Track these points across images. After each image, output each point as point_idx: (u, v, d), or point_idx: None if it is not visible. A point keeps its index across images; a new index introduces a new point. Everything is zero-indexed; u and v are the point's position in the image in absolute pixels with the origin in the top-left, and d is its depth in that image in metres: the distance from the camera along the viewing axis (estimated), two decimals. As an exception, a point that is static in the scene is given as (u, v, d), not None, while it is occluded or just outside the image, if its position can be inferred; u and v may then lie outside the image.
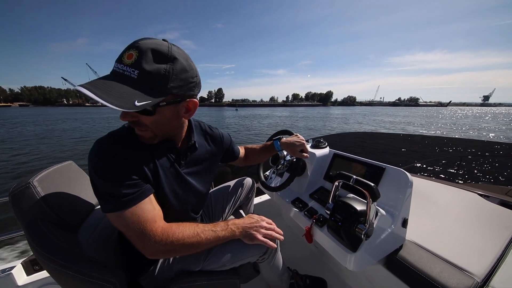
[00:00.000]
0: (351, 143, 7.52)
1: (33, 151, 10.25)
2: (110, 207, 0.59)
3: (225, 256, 0.80)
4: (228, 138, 1.04)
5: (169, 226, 0.66)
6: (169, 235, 0.63)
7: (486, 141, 9.75)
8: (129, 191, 0.59)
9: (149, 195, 0.64)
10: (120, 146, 0.62)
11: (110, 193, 0.58)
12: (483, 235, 0.89)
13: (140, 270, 0.77)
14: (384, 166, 0.92)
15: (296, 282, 1.16)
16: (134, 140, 0.66)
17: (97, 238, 0.79)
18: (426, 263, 0.77)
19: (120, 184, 0.59)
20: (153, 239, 0.61)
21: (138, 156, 0.65)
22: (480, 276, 0.70)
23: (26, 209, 0.65)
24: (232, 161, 1.13)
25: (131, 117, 0.59)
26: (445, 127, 23.67)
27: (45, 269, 0.62)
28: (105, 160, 0.59)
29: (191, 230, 0.68)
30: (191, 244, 0.66)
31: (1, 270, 1.02)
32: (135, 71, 0.52)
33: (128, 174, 0.61)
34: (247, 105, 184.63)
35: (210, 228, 0.72)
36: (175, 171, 0.75)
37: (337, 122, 29.25)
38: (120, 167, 0.60)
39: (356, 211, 0.73)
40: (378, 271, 0.92)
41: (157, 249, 0.62)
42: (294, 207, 1.10)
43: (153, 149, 0.69)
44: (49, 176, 0.73)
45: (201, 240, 0.68)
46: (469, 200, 1.14)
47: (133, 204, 0.60)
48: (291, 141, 1.07)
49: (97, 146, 0.61)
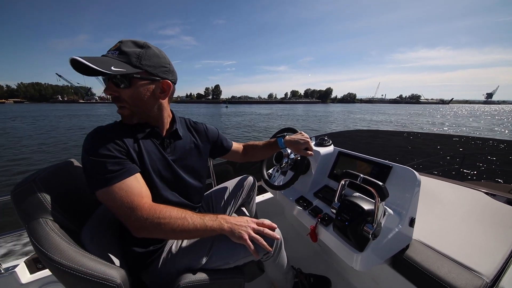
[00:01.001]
0: (355, 140, 7.49)
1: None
2: (97, 184, 0.64)
3: (229, 252, 0.80)
4: (215, 131, 1.08)
5: (157, 205, 0.69)
6: (156, 212, 0.66)
7: (489, 138, 9.68)
8: (115, 168, 0.65)
9: (134, 173, 0.69)
10: (108, 130, 0.71)
11: (97, 170, 0.63)
12: (491, 234, 0.87)
13: (145, 268, 0.77)
14: (391, 164, 0.90)
15: (300, 281, 1.16)
16: (121, 128, 0.74)
17: (99, 237, 0.79)
18: (433, 263, 0.76)
19: (107, 161, 0.64)
20: (140, 213, 0.64)
21: (124, 137, 0.71)
22: (489, 276, 0.69)
23: (28, 208, 0.64)
24: (223, 154, 1.15)
25: (113, 91, 0.70)
26: (447, 125, 23.50)
27: (48, 268, 0.61)
28: (94, 140, 0.66)
29: (179, 213, 0.70)
30: (177, 226, 0.67)
31: (5, 268, 1.02)
32: (116, 52, 0.68)
33: (114, 152, 0.66)
34: (242, 102, 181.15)
35: (199, 216, 0.73)
36: (160, 155, 0.80)
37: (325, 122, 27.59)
38: (107, 145, 0.66)
39: (363, 210, 0.72)
40: (384, 270, 0.91)
41: (143, 224, 0.64)
42: (298, 206, 1.09)
43: (138, 133, 0.76)
44: (51, 175, 0.72)
45: (188, 224, 0.69)
46: (475, 198, 1.13)
47: (120, 180, 0.64)
48: (295, 139, 1.07)
49: (89, 133, 0.69)
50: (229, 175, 2.20)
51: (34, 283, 1.05)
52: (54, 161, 8.26)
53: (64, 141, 13.03)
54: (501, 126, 21.91)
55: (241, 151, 1.21)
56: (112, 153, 0.66)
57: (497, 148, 6.77)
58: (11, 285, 1.02)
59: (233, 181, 1.29)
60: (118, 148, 0.68)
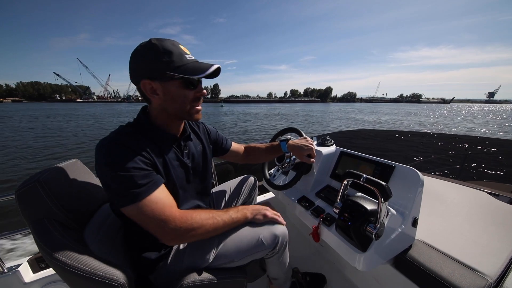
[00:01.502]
0: (357, 140, 7.48)
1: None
2: (127, 200, 0.60)
3: (236, 251, 0.81)
4: (214, 130, 1.08)
5: (186, 211, 0.69)
6: (188, 218, 0.67)
7: (492, 138, 9.64)
8: (144, 181, 0.62)
9: (161, 184, 0.67)
10: (127, 138, 0.66)
11: (125, 185, 0.60)
12: (494, 234, 0.87)
13: (149, 267, 0.77)
14: (394, 164, 0.90)
15: (297, 280, 1.17)
16: (138, 134, 0.71)
17: (103, 236, 0.79)
18: (436, 263, 0.75)
19: (134, 175, 0.61)
20: (173, 223, 0.64)
21: (147, 146, 0.68)
22: (493, 276, 0.69)
23: (32, 208, 0.65)
24: (222, 154, 1.14)
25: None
26: (450, 124, 23.31)
27: (52, 267, 0.61)
28: (116, 152, 0.61)
29: (207, 214, 0.73)
30: (209, 227, 0.71)
31: (8, 267, 1.03)
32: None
33: (140, 164, 0.63)
34: (240, 101, 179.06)
35: (223, 212, 0.78)
36: (180, 162, 0.79)
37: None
38: (132, 157, 0.62)
39: (366, 210, 0.72)
40: (386, 270, 0.91)
41: (178, 233, 0.65)
42: (300, 206, 1.09)
43: (158, 139, 0.74)
44: (55, 174, 0.72)
45: (218, 222, 0.74)
46: (478, 198, 1.12)
47: (150, 193, 0.62)
48: (299, 144, 1.05)
49: (105, 142, 0.64)
50: (230, 175, 2.20)
51: (37, 282, 1.06)
52: (55, 161, 8.26)
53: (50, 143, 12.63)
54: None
55: (242, 153, 1.20)
56: (139, 165, 0.62)
57: (500, 147, 6.73)
58: (14, 284, 1.02)
59: (234, 181, 1.29)
60: (144, 160, 0.65)
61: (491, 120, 27.98)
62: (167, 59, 0.65)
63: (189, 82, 0.70)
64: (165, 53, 0.65)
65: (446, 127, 20.62)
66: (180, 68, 0.66)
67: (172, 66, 0.66)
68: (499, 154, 5.50)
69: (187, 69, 0.67)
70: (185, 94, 0.71)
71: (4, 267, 1.01)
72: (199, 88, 0.74)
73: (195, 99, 0.74)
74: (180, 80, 0.68)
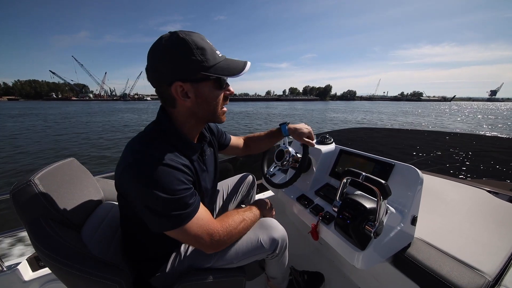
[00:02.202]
0: (356, 138, 7.47)
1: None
2: (175, 223, 0.58)
3: (235, 253, 0.80)
4: (215, 126, 1.05)
5: (223, 219, 0.71)
6: (227, 226, 0.69)
7: (490, 136, 9.65)
8: (190, 202, 0.60)
9: (200, 200, 0.66)
10: (165, 153, 0.59)
11: (173, 208, 0.57)
12: (493, 233, 0.87)
13: (150, 269, 0.76)
14: (393, 162, 0.90)
15: (294, 278, 1.17)
16: (169, 145, 0.64)
17: (101, 236, 0.79)
18: (435, 261, 0.75)
19: (183, 197, 0.58)
20: (218, 235, 0.66)
21: (184, 161, 0.65)
22: (492, 274, 0.69)
23: (28, 207, 0.64)
24: (223, 149, 1.12)
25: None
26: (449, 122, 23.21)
27: (49, 268, 0.61)
28: (161, 174, 0.55)
29: (239, 216, 0.76)
30: (242, 228, 0.76)
31: (7, 266, 1.03)
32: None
33: (187, 184, 0.61)
34: (236, 99, 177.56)
35: (248, 210, 0.84)
36: (203, 171, 0.78)
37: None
38: (179, 178, 0.58)
39: (365, 208, 0.72)
40: (385, 268, 0.91)
41: (222, 242, 0.67)
42: (299, 204, 1.09)
43: (187, 151, 0.69)
44: (51, 174, 0.72)
45: (248, 222, 0.79)
46: (477, 197, 1.12)
47: (196, 213, 0.61)
48: (299, 127, 1.06)
49: (142, 161, 0.57)
50: (229, 173, 2.20)
51: (36, 281, 1.06)
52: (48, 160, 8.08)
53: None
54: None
55: (242, 145, 1.19)
56: (186, 186, 0.60)
57: (500, 146, 6.74)
58: (13, 282, 1.02)
59: (233, 178, 1.29)
60: (188, 178, 0.62)
61: (486, 121, 27.45)
62: (200, 58, 0.58)
63: (222, 81, 0.65)
64: (198, 50, 0.57)
65: (442, 127, 20.57)
66: (215, 67, 0.60)
67: (206, 65, 0.58)
68: (499, 152, 5.50)
69: (222, 68, 0.61)
70: (218, 95, 0.66)
71: (3, 266, 1.01)
72: (229, 86, 0.70)
73: (224, 99, 0.70)
74: (213, 80, 0.62)
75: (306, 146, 1.04)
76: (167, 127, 0.66)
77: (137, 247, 0.76)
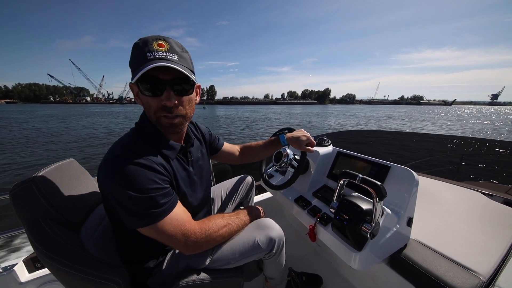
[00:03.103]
0: (354, 141, 7.51)
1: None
2: (147, 221, 0.59)
3: (232, 254, 0.80)
4: (207, 130, 1.05)
5: (203, 222, 0.70)
6: (206, 229, 0.68)
7: (486, 139, 9.74)
8: (164, 201, 0.61)
9: (178, 200, 0.67)
10: (139, 154, 0.61)
11: (146, 207, 0.57)
12: (488, 234, 0.88)
13: (145, 270, 0.76)
14: (389, 164, 0.91)
15: (292, 279, 1.17)
16: (147, 145, 0.66)
17: (99, 236, 0.79)
18: (431, 262, 0.76)
19: (156, 195, 0.59)
20: (194, 236, 0.65)
21: (160, 161, 0.65)
22: (486, 275, 0.70)
23: (27, 208, 0.64)
24: (214, 154, 1.10)
25: (176, 100, 0.64)
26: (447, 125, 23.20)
27: (48, 268, 0.61)
28: (134, 173, 0.57)
29: (223, 221, 0.75)
30: (224, 233, 0.74)
31: (3, 267, 1.02)
32: (174, 55, 0.61)
33: (161, 184, 0.61)
34: (232, 103, 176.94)
35: (235, 216, 0.81)
36: (186, 173, 0.78)
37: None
38: (150, 177, 0.59)
39: (362, 210, 0.73)
40: (382, 269, 0.92)
41: (199, 244, 0.66)
42: (297, 206, 1.10)
43: (166, 150, 0.70)
44: (50, 174, 0.72)
45: (233, 227, 0.77)
46: (472, 199, 1.14)
47: (170, 211, 0.62)
48: (297, 136, 1.07)
49: (119, 161, 0.58)
50: (227, 174, 2.20)
51: (33, 282, 1.05)
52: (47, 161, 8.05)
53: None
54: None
55: (237, 153, 1.18)
56: (159, 185, 0.60)
57: (494, 149, 6.81)
58: (10, 284, 1.01)
59: (231, 180, 1.30)
60: (162, 177, 0.62)
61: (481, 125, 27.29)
62: (132, 60, 0.60)
63: (144, 87, 0.61)
64: (132, 53, 0.60)
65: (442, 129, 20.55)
66: (135, 70, 0.58)
67: (132, 68, 0.60)
68: (494, 155, 5.56)
69: (138, 72, 0.57)
70: (147, 101, 0.63)
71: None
72: (165, 96, 0.61)
73: (162, 109, 0.63)
74: (140, 85, 0.61)
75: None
76: (145, 125, 0.69)
77: (129, 248, 0.76)
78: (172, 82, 0.62)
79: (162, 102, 0.62)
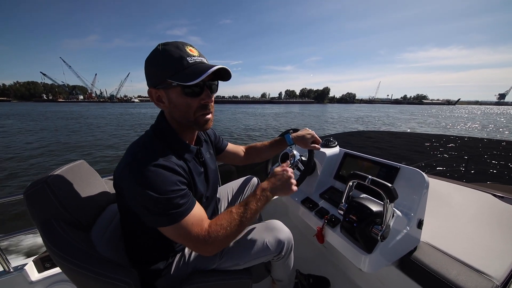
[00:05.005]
0: (361, 141, 7.43)
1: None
2: (166, 221, 0.60)
3: (241, 255, 0.80)
4: (212, 131, 1.05)
5: (214, 221, 0.69)
6: (219, 228, 0.67)
7: (496, 140, 9.53)
8: (182, 201, 0.62)
9: (195, 201, 0.68)
10: (159, 156, 0.63)
11: (165, 208, 0.59)
12: (500, 236, 0.86)
13: (155, 271, 0.77)
14: (398, 166, 0.90)
15: (299, 281, 1.16)
16: (167, 148, 0.68)
17: (109, 237, 0.80)
18: (442, 265, 0.75)
19: (175, 196, 0.60)
20: (208, 237, 0.64)
21: (179, 163, 0.67)
22: (499, 278, 0.68)
23: (41, 208, 0.65)
24: (219, 154, 1.10)
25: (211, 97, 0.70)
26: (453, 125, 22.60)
27: (60, 268, 0.62)
28: (155, 175, 0.59)
29: (232, 216, 0.71)
30: (237, 229, 0.70)
31: (14, 267, 1.04)
32: (205, 58, 0.67)
33: (180, 185, 0.63)
34: (226, 102, 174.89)
35: (243, 206, 0.74)
36: (200, 173, 0.79)
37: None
38: (170, 178, 0.61)
39: (372, 212, 0.72)
40: (391, 272, 0.90)
41: (214, 245, 0.66)
42: (303, 207, 1.09)
43: (183, 152, 0.72)
44: (62, 176, 0.73)
45: (245, 221, 0.71)
46: (483, 200, 1.12)
47: (189, 212, 0.63)
48: (302, 134, 1.07)
49: (140, 163, 0.60)
50: (233, 175, 2.20)
51: (42, 282, 1.07)
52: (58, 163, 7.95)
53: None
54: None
55: (242, 154, 1.19)
56: (178, 187, 0.62)
57: (505, 149, 6.66)
58: (20, 283, 1.03)
59: (237, 181, 1.30)
60: (181, 179, 0.64)
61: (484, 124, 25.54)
62: (166, 65, 0.61)
63: (189, 88, 0.64)
64: (165, 58, 0.61)
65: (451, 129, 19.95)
66: (178, 74, 0.61)
67: (170, 72, 0.61)
68: (504, 156, 5.43)
69: (185, 75, 0.61)
70: (187, 102, 0.66)
71: (10, 267, 1.02)
72: (204, 94, 0.67)
73: (200, 107, 0.68)
74: (181, 87, 0.63)
75: (312, 150, 1.05)
76: (164, 127, 0.72)
77: (140, 248, 0.77)
78: (209, 82, 0.68)
79: (202, 101, 0.67)
